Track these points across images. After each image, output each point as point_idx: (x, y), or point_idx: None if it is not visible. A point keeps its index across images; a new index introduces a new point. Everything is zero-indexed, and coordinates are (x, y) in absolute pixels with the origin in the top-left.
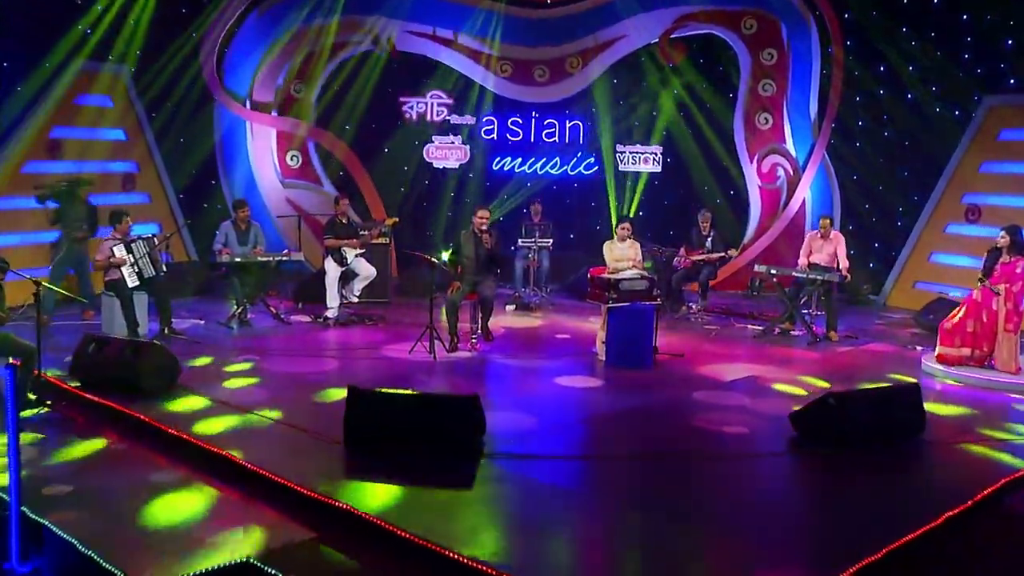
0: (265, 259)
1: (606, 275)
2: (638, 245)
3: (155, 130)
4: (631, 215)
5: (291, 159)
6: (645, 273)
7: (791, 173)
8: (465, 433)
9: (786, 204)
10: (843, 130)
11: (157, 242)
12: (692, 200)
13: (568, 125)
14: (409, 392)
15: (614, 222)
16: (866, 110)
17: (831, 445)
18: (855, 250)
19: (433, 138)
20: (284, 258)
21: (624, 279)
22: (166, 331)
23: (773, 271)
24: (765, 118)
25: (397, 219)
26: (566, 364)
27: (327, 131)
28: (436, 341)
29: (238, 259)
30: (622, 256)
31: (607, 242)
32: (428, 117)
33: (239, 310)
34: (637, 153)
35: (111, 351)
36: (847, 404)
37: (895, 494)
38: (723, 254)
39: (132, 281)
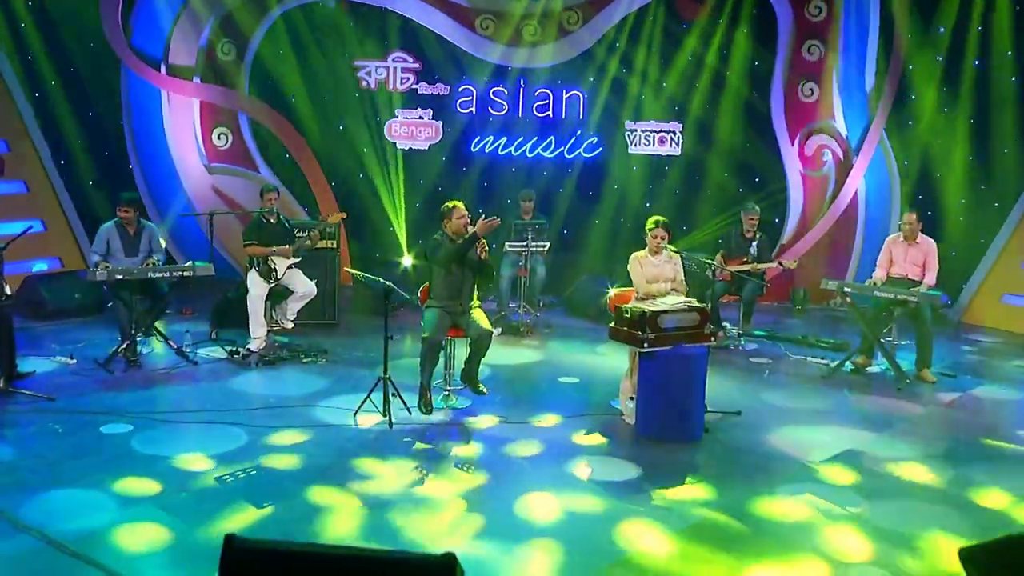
0: (158, 275)
1: (637, 304)
2: (679, 258)
3: (33, 99)
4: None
5: (219, 138)
6: (693, 301)
7: (841, 157)
8: None
9: (835, 196)
10: (908, 104)
11: None
12: (717, 190)
13: (565, 96)
14: (326, 550)
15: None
16: (938, 79)
17: None
18: None
19: (396, 112)
20: (185, 273)
21: (666, 311)
22: (1, 384)
23: (847, 288)
24: (810, 89)
25: (345, 214)
26: (582, 434)
27: (264, 103)
28: (393, 397)
29: (120, 276)
30: (657, 276)
31: (634, 256)
32: (390, 85)
33: (124, 345)
34: (651, 132)
35: None
36: None
37: None
38: (774, 265)
39: None
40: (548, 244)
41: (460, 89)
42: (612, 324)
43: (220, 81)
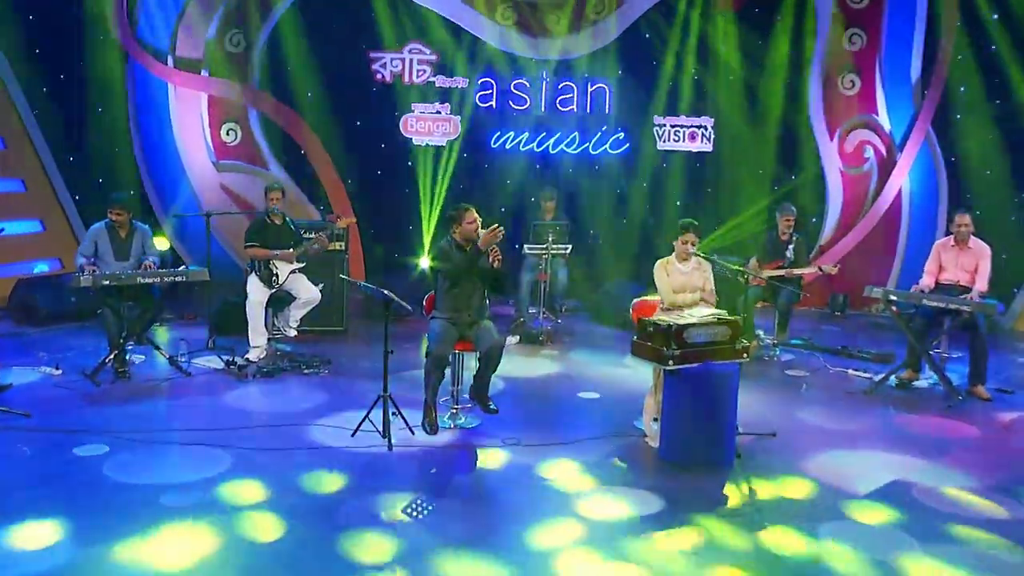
0: (148, 279)
1: (662, 316)
2: (709, 266)
3: (39, 94)
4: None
5: (227, 134)
6: (724, 313)
7: (884, 153)
8: None
9: (877, 194)
10: (957, 96)
11: None
12: (751, 189)
13: (590, 90)
14: None
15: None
16: (990, 69)
17: None
18: None
19: (413, 106)
20: (178, 278)
21: (693, 325)
22: None
23: (892, 296)
24: (851, 81)
25: (354, 219)
26: (600, 459)
27: (275, 97)
28: (394, 416)
29: (106, 281)
30: (685, 284)
31: (660, 262)
32: (406, 78)
33: (112, 356)
34: (681, 127)
35: None
36: None
37: None
38: (812, 269)
39: None
40: (570, 247)
41: (480, 82)
42: (634, 338)
43: (229, 74)
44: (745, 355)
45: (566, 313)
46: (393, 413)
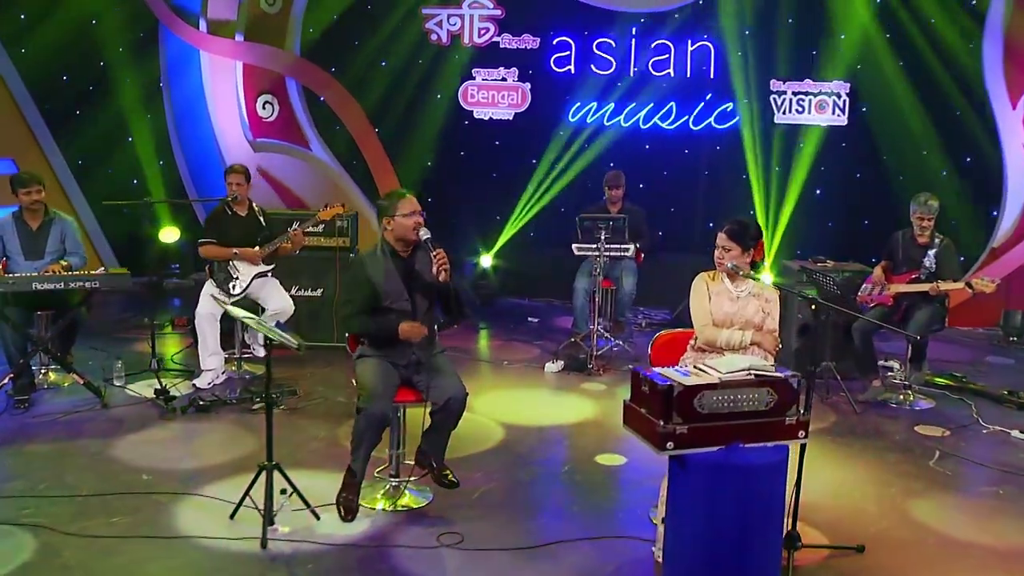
0: (48, 285)
1: (683, 369)
2: (774, 292)
3: (16, 59)
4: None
5: (264, 107)
6: (768, 366)
7: None
8: None
9: None
10: None
11: None
12: (909, 173)
13: (690, 49)
14: None
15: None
16: None
17: None
18: None
19: (473, 72)
20: (89, 284)
21: (713, 386)
22: None
23: None
24: None
25: (342, 208)
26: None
27: (316, 64)
28: (286, 496)
29: None
30: (732, 316)
31: (702, 275)
32: (465, 39)
33: (5, 380)
34: (807, 94)
35: None
36: None
37: None
38: (961, 286)
39: None
40: (632, 247)
41: (554, 42)
42: (627, 399)
43: (266, 39)
44: (801, 433)
45: (645, 329)
46: (283, 491)
